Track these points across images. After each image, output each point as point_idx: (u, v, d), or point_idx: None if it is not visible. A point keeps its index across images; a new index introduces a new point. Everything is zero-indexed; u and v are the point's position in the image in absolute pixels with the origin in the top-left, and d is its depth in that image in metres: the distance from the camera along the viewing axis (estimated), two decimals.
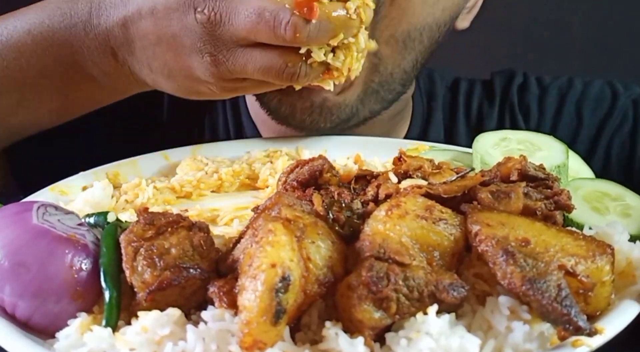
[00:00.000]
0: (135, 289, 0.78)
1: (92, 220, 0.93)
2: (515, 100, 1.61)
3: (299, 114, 1.33)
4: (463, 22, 1.51)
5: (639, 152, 1.52)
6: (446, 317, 0.74)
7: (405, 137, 1.56)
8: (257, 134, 1.55)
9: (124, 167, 1.25)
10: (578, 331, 0.72)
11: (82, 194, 1.12)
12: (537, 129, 1.58)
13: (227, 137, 1.56)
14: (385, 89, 1.36)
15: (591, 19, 2.73)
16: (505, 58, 2.60)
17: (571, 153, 1.11)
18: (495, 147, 1.10)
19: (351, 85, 1.30)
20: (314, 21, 0.96)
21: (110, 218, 0.90)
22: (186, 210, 1.10)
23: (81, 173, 1.22)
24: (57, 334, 0.79)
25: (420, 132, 1.58)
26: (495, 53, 2.59)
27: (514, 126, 1.58)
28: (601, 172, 1.52)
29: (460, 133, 1.59)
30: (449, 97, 1.65)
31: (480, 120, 1.61)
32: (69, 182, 1.18)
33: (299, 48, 0.99)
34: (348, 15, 0.98)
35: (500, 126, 1.59)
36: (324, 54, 1.00)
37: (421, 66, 1.42)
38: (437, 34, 1.35)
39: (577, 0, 2.70)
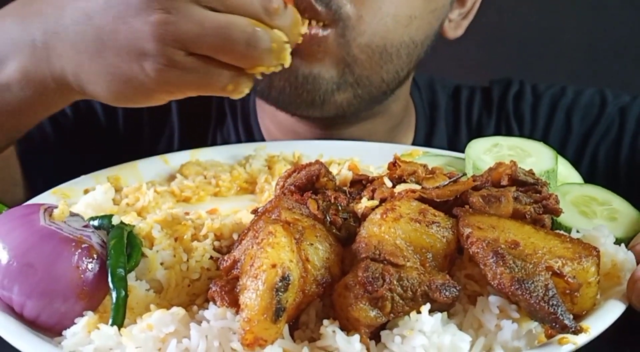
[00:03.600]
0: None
1: (96, 222, 0.95)
2: (510, 110, 1.65)
3: (277, 81, 1.35)
4: (457, 31, 1.55)
5: (623, 159, 1.56)
6: (438, 316, 0.77)
7: None
8: None
9: (124, 171, 1.28)
10: (564, 329, 0.75)
11: (84, 197, 1.14)
12: (530, 136, 1.62)
13: None
14: (363, 89, 1.39)
15: (585, 26, 2.76)
16: (499, 64, 2.64)
17: (560, 159, 1.14)
18: (487, 152, 1.13)
19: (318, 60, 1.33)
20: (289, 6, 0.98)
21: (115, 221, 0.93)
22: (187, 213, 1.13)
23: (82, 176, 1.24)
24: (65, 332, 0.82)
25: (423, 145, 1.61)
26: (489, 59, 2.62)
27: (509, 134, 1.62)
28: (588, 178, 1.56)
29: (462, 142, 1.62)
30: (451, 105, 1.69)
31: (480, 129, 1.65)
32: (71, 185, 1.21)
33: None
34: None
35: (496, 135, 1.62)
36: None
37: (404, 78, 1.46)
38: (416, 51, 1.41)
39: (570, 7, 2.73)
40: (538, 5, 2.73)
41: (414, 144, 1.62)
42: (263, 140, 1.61)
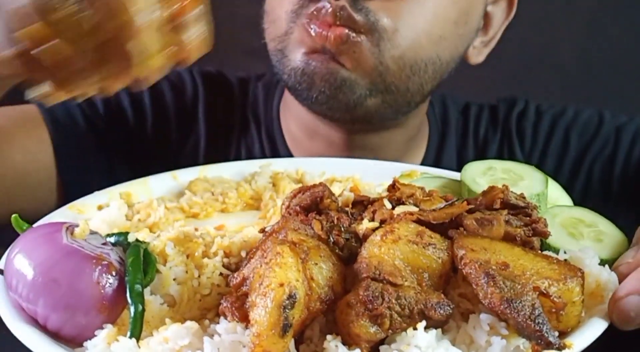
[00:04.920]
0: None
1: (113, 239, 1.01)
2: (513, 127, 1.72)
3: (319, 81, 1.42)
4: (478, 57, 1.64)
5: (616, 175, 1.63)
6: (433, 332, 0.82)
7: (422, 163, 1.67)
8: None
9: (135, 187, 1.32)
10: (549, 345, 0.80)
11: (99, 214, 1.19)
12: (530, 152, 1.70)
13: None
14: (390, 96, 1.47)
15: (582, 44, 2.82)
16: (503, 83, 2.69)
17: (552, 182, 1.20)
18: (481, 176, 1.18)
19: (355, 65, 1.40)
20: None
21: (131, 238, 0.98)
22: (196, 228, 1.18)
23: (95, 192, 1.29)
24: (85, 344, 0.87)
25: (434, 158, 1.70)
26: (490, 76, 2.67)
27: (511, 151, 1.70)
28: (583, 194, 1.63)
29: (469, 157, 1.70)
30: (461, 121, 1.77)
31: (485, 146, 1.73)
32: (85, 201, 1.26)
33: None
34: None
35: (499, 151, 1.71)
36: None
37: (428, 94, 1.55)
38: (441, 69, 1.49)
39: (569, 28, 2.79)
40: (537, 23, 2.79)
41: (425, 156, 1.71)
42: (286, 148, 1.69)
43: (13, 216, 1.03)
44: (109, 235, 1.03)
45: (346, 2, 1.35)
